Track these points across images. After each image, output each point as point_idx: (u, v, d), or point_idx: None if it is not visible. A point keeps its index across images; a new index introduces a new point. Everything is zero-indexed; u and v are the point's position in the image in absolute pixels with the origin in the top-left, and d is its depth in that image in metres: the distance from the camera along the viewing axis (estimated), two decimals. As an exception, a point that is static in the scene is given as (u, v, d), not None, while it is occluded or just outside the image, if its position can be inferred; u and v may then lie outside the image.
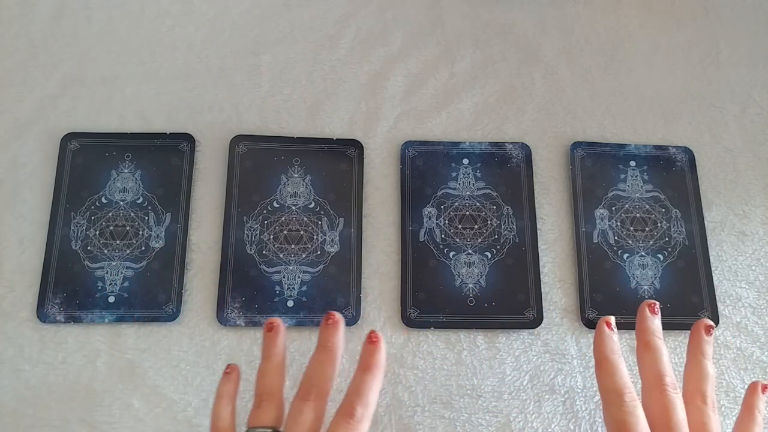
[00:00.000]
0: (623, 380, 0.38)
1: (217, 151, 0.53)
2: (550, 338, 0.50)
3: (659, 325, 0.41)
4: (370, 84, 0.56)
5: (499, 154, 0.54)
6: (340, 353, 0.40)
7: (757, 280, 0.52)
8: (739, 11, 0.60)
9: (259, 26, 0.58)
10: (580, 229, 0.52)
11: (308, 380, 0.39)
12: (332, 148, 0.53)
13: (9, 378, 0.47)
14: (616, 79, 0.57)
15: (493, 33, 0.58)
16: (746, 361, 0.49)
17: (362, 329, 0.49)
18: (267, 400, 0.39)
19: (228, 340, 0.49)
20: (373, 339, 0.40)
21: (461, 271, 0.50)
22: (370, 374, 0.38)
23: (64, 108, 0.54)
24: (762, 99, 0.57)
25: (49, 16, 0.57)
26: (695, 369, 0.40)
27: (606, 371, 0.39)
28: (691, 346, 0.41)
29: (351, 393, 0.38)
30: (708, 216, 0.53)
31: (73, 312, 0.48)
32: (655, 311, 0.41)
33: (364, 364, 0.39)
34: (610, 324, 0.40)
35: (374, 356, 0.39)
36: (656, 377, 0.38)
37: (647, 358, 0.39)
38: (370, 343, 0.40)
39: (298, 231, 0.51)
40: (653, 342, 0.40)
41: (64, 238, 0.50)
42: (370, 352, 0.39)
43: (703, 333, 0.41)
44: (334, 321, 0.41)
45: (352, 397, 0.37)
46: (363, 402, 0.37)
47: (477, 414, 0.47)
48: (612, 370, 0.39)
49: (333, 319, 0.41)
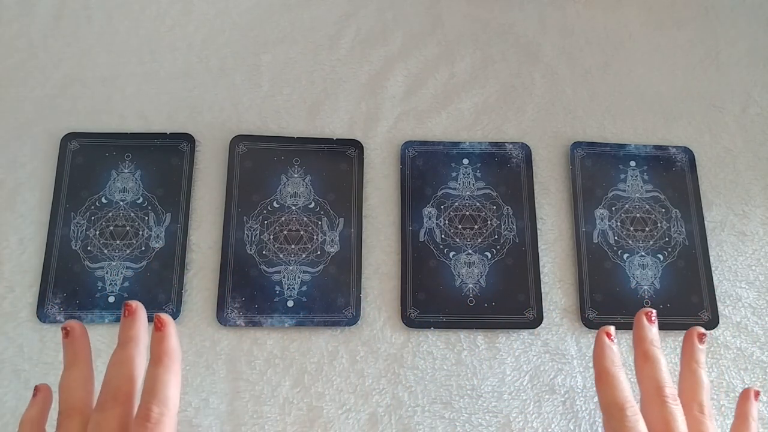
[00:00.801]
0: (624, 393, 0.37)
1: (217, 151, 0.53)
2: (550, 338, 0.50)
3: (657, 334, 0.40)
4: (370, 84, 0.56)
5: (499, 154, 0.54)
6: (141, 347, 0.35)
7: (757, 280, 0.52)
8: (739, 11, 0.60)
9: (259, 26, 0.58)
10: (580, 229, 0.52)
11: (106, 386, 0.34)
12: (332, 148, 0.53)
13: (9, 378, 0.47)
14: (616, 79, 0.57)
15: (493, 33, 0.58)
16: (746, 361, 0.49)
17: (362, 329, 0.49)
18: (68, 416, 0.34)
19: (228, 340, 0.49)
20: (158, 326, 0.35)
21: (461, 271, 0.50)
22: (162, 367, 0.34)
23: (64, 108, 0.54)
24: (762, 99, 0.57)
25: (49, 16, 0.57)
26: (690, 378, 0.40)
27: (606, 384, 0.38)
28: (684, 354, 0.41)
29: (145, 392, 0.34)
30: (708, 216, 0.53)
31: (73, 312, 0.48)
32: (652, 320, 0.41)
33: (155, 356, 0.34)
34: (610, 334, 0.40)
35: (162, 345, 0.35)
36: (656, 388, 0.38)
37: (646, 368, 0.39)
38: (156, 330, 0.35)
39: (298, 231, 0.51)
40: (651, 352, 0.39)
41: (64, 238, 0.50)
42: (158, 341, 0.35)
43: (696, 341, 0.41)
44: (130, 311, 0.36)
45: (146, 396, 0.33)
46: (158, 400, 0.33)
47: (477, 414, 0.47)
48: (613, 382, 0.38)
49: (129, 310, 0.36)
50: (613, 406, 0.37)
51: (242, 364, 0.48)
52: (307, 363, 0.48)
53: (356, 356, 0.48)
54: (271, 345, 0.49)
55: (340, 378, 0.48)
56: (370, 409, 0.47)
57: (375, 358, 0.48)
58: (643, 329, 0.40)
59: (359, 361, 0.48)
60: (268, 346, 0.48)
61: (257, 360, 0.48)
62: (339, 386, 0.48)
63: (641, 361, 0.40)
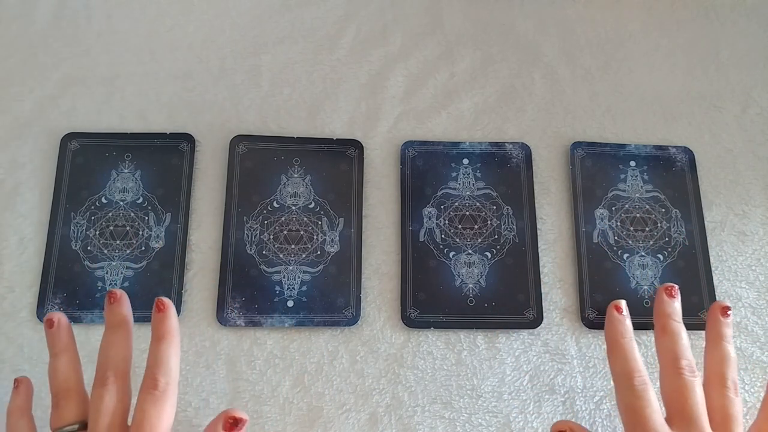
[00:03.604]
0: (632, 363, 0.37)
1: (217, 151, 0.53)
2: (550, 338, 0.50)
3: (678, 308, 0.40)
4: (370, 84, 0.56)
5: (499, 154, 0.54)
6: (129, 329, 0.38)
7: (757, 280, 0.52)
8: (739, 11, 0.60)
9: (259, 26, 0.58)
10: (580, 229, 0.52)
11: (102, 365, 0.37)
12: (332, 148, 0.53)
13: (9, 378, 0.47)
14: (616, 79, 0.57)
15: (493, 33, 0.58)
16: (746, 361, 0.49)
17: (362, 329, 0.49)
18: (64, 397, 0.37)
19: (228, 340, 0.49)
20: (161, 307, 0.38)
21: (461, 271, 0.50)
22: (165, 342, 0.37)
23: (64, 108, 0.54)
24: (762, 99, 0.57)
25: (49, 16, 0.57)
26: (714, 352, 0.39)
27: (616, 355, 0.38)
28: (708, 329, 0.40)
29: (150, 365, 0.37)
30: (708, 216, 0.53)
31: (72, 312, 0.48)
32: (673, 294, 0.40)
33: (157, 334, 0.37)
34: (620, 308, 0.40)
35: (164, 324, 0.38)
36: (672, 360, 0.37)
37: (664, 341, 0.39)
38: (158, 311, 0.38)
39: (298, 231, 0.51)
40: (670, 325, 0.39)
41: (64, 238, 0.50)
42: (160, 321, 0.38)
43: (719, 315, 0.40)
44: (116, 299, 0.39)
45: (152, 368, 0.36)
46: (163, 371, 0.36)
47: (477, 414, 0.47)
48: (621, 353, 0.38)
49: (115, 297, 0.39)
50: (621, 376, 0.37)
51: (242, 364, 0.48)
52: (307, 363, 0.48)
53: (356, 356, 0.48)
54: (271, 345, 0.49)
55: (340, 378, 0.48)
56: (370, 409, 0.47)
57: (375, 358, 0.48)
58: (662, 304, 0.40)
59: (359, 361, 0.48)
60: (268, 346, 0.48)
61: (257, 360, 0.48)
62: (339, 386, 0.48)
63: (660, 334, 0.39)
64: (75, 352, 0.39)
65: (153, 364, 0.37)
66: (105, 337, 0.38)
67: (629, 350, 0.38)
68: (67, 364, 0.38)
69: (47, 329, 0.39)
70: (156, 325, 0.38)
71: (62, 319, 0.40)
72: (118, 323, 0.38)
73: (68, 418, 0.36)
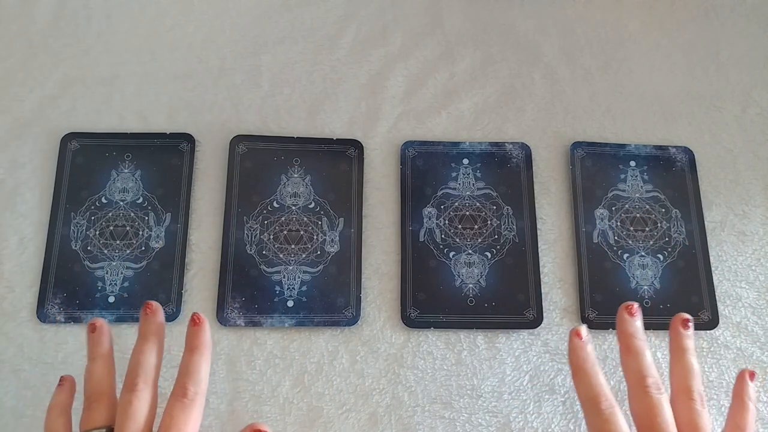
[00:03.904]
0: (597, 388, 0.37)
1: (217, 151, 0.53)
2: (550, 338, 0.50)
3: (639, 327, 0.40)
4: (370, 84, 0.56)
5: (499, 154, 0.54)
6: (161, 340, 0.40)
7: (757, 280, 0.52)
8: (739, 11, 0.60)
9: (259, 26, 0.58)
10: (580, 229, 0.52)
11: (132, 372, 0.38)
12: (332, 148, 0.53)
13: (9, 378, 0.47)
14: (616, 79, 0.57)
15: (493, 33, 0.58)
16: (746, 361, 0.49)
17: (362, 329, 0.49)
18: (96, 400, 0.38)
19: (228, 340, 0.49)
20: (197, 321, 0.40)
21: (461, 271, 0.50)
22: (197, 354, 0.39)
23: (64, 108, 0.54)
24: (762, 99, 0.57)
25: (49, 16, 0.57)
26: (677, 365, 0.39)
27: (580, 380, 0.38)
28: (671, 342, 0.40)
29: (181, 374, 0.38)
30: (708, 216, 0.53)
31: (73, 312, 0.48)
32: (633, 313, 0.40)
33: (191, 345, 0.39)
34: (579, 334, 0.40)
35: (199, 336, 0.39)
36: (638, 379, 0.38)
37: (629, 361, 0.39)
38: (194, 325, 0.39)
39: (298, 231, 0.51)
40: (633, 344, 0.39)
41: (64, 238, 0.50)
42: (195, 333, 0.39)
43: (680, 327, 0.40)
44: (152, 310, 0.40)
45: (183, 378, 0.38)
46: (194, 380, 0.37)
47: (477, 414, 0.47)
48: (585, 378, 0.38)
49: (151, 309, 0.40)
50: (587, 401, 0.37)
51: (242, 364, 0.48)
52: (307, 363, 0.48)
53: (356, 356, 0.48)
54: (271, 345, 0.49)
55: (340, 378, 0.48)
56: (370, 409, 0.47)
57: (375, 358, 0.48)
58: (624, 323, 0.40)
59: (359, 361, 0.48)
60: (268, 346, 0.48)
61: (257, 360, 0.48)
62: (339, 386, 0.48)
63: (624, 354, 0.39)
64: (112, 358, 0.40)
65: (184, 372, 0.38)
66: (137, 344, 0.39)
67: (591, 375, 0.38)
68: (103, 369, 0.39)
69: (89, 333, 0.40)
70: (190, 337, 0.39)
71: (104, 325, 0.41)
72: (153, 333, 0.40)
73: (98, 421, 0.37)
